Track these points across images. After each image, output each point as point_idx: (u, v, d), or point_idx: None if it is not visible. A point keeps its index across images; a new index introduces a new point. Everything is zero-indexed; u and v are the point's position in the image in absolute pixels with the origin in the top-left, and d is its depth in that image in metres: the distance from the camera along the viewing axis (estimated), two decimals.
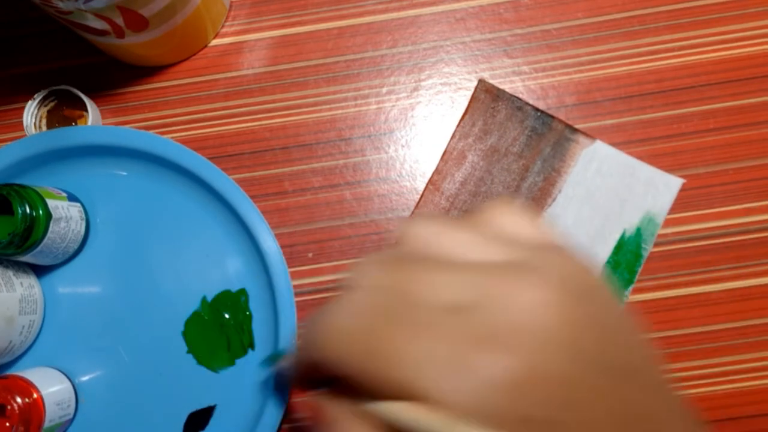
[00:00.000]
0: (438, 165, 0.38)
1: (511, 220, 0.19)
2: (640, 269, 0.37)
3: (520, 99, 0.38)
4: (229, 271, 0.37)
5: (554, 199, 0.37)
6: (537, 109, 0.38)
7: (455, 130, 0.38)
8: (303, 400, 0.37)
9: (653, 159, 0.38)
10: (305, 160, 0.38)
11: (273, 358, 0.31)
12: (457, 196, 0.37)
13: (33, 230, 0.32)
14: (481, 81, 0.38)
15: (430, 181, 0.38)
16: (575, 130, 0.37)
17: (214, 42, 0.40)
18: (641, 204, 0.37)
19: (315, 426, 0.19)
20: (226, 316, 0.37)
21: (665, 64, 0.38)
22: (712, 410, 0.36)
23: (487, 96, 0.38)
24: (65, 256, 0.36)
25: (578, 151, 0.37)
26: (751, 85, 0.38)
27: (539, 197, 0.37)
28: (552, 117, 0.37)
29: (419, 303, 0.17)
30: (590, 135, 0.38)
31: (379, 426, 0.17)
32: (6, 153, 0.36)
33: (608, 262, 0.37)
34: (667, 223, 0.37)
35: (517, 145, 0.37)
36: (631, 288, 0.37)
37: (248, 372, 0.36)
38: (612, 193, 0.37)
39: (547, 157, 0.37)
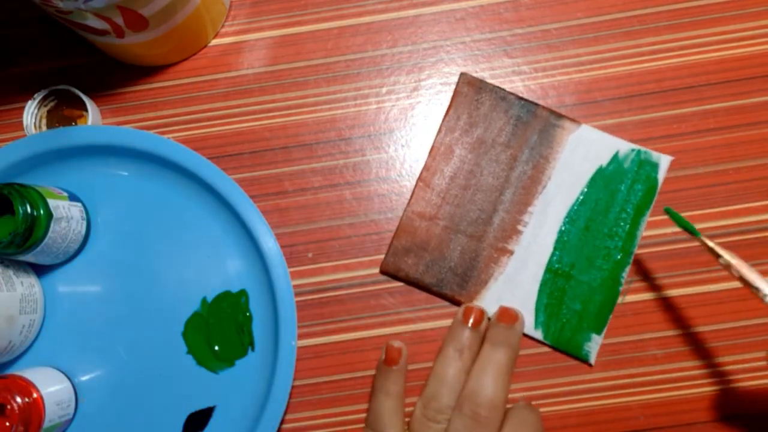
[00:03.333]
0: (426, 161, 0.38)
1: None
2: (635, 251, 0.37)
3: (502, 89, 0.38)
4: (230, 271, 0.37)
5: (545, 187, 0.37)
6: (520, 98, 0.38)
7: (441, 125, 0.38)
8: (302, 400, 0.37)
9: None
10: (305, 159, 0.38)
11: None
12: (448, 191, 0.37)
13: (34, 230, 0.32)
14: (462, 74, 0.38)
15: (420, 178, 0.38)
16: (560, 116, 0.37)
17: (214, 42, 0.40)
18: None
19: None
20: (226, 317, 0.37)
21: (665, 64, 0.38)
22: (714, 409, 0.36)
23: (470, 89, 0.38)
24: (66, 256, 0.37)
25: (565, 137, 0.37)
26: (751, 85, 0.38)
27: (529, 186, 0.37)
28: (536, 104, 0.37)
29: None
30: (575, 120, 0.37)
31: None
32: (6, 153, 0.36)
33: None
34: (668, 222, 0.37)
35: (504, 135, 0.37)
36: (627, 269, 0.36)
37: (248, 373, 0.36)
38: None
39: (534, 145, 0.37)
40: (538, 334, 0.36)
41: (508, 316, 0.34)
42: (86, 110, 0.38)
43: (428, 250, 0.37)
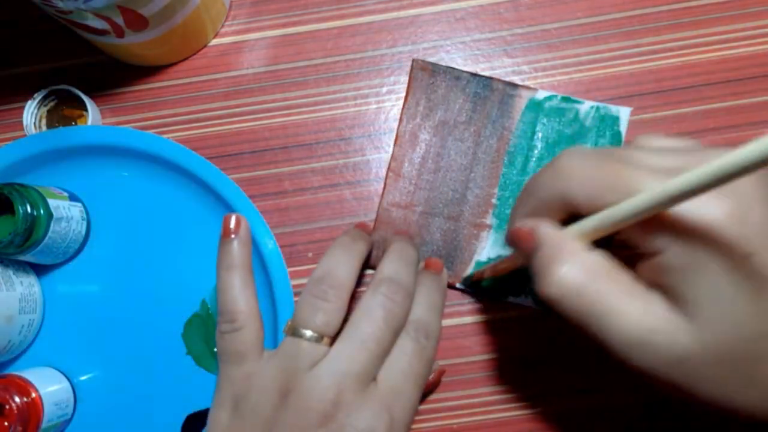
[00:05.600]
0: (393, 151, 0.38)
1: (664, 142, 0.26)
2: None
3: (455, 69, 0.38)
4: None
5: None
6: (474, 75, 0.38)
7: (401, 114, 0.38)
8: None
9: None
10: (305, 159, 0.38)
11: (470, 278, 0.36)
12: (419, 177, 0.37)
13: (34, 230, 0.32)
14: (414, 60, 0.38)
15: (389, 168, 0.38)
16: (516, 86, 0.38)
17: (214, 42, 0.40)
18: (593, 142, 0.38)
19: (523, 247, 0.26)
20: None
21: (665, 63, 0.38)
22: None
23: (423, 74, 0.38)
24: (66, 256, 0.36)
25: (523, 105, 0.37)
26: (751, 85, 0.38)
27: (496, 158, 0.37)
28: (490, 78, 0.38)
29: (634, 160, 0.24)
30: (531, 87, 0.38)
31: (588, 242, 0.25)
32: (6, 153, 0.36)
33: None
34: None
35: (465, 114, 0.38)
36: None
37: None
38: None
39: (495, 118, 0.38)
40: (529, 302, 0.36)
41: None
42: (86, 110, 0.38)
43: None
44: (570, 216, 0.25)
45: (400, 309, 0.28)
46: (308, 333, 0.27)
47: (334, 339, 0.27)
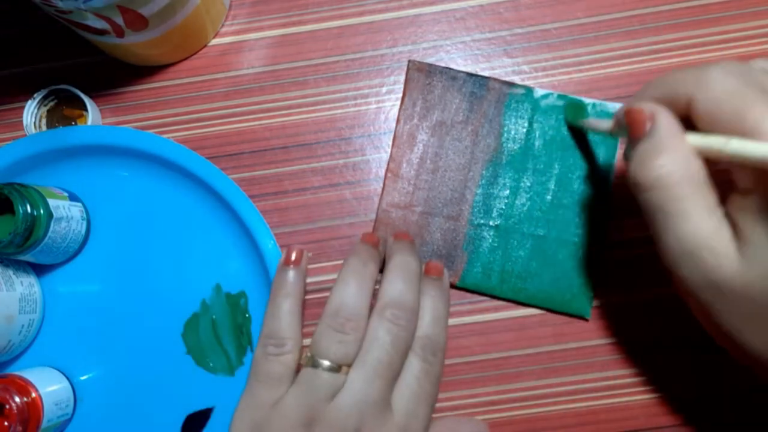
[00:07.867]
0: (391, 152, 0.38)
1: None
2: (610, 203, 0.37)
3: (451, 69, 0.38)
4: (229, 272, 0.37)
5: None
6: (470, 74, 0.38)
7: (398, 115, 0.38)
8: None
9: None
10: (305, 159, 0.38)
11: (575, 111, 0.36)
12: (417, 177, 0.37)
13: (34, 230, 0.32)
14: (410, 61, 0.38)
15: (387, 169, 0.38)
16: (512, 85, 0.38)
17: (214, 41, 0.40)
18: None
19: (637, 127, 0.26)
20: (226, 318, 0.37)
21: (665, 63, 0.38)
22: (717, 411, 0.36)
23: (420, 74, 0.38)
24: (66, 256, 0.36)
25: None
26: None
27: (494, 158, 0.37)
28: (487, 78, 0.38)
29: None
30: (527, 86, 0.38)
31: (696, 153, 0.25)
32: (6, 153, 0.36)
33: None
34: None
35: (462, 113, 0.38)
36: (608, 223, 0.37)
37: (246, 374, 0.36)
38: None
39: (492, 117, 0.38)
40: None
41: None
42: (86, 110, 0.38)
43: None
44: (684, 118, 0.26)
45: (406, 332, 0.29)
46: (326, 363, 0.28)
47: (350, 366, 0.29)
